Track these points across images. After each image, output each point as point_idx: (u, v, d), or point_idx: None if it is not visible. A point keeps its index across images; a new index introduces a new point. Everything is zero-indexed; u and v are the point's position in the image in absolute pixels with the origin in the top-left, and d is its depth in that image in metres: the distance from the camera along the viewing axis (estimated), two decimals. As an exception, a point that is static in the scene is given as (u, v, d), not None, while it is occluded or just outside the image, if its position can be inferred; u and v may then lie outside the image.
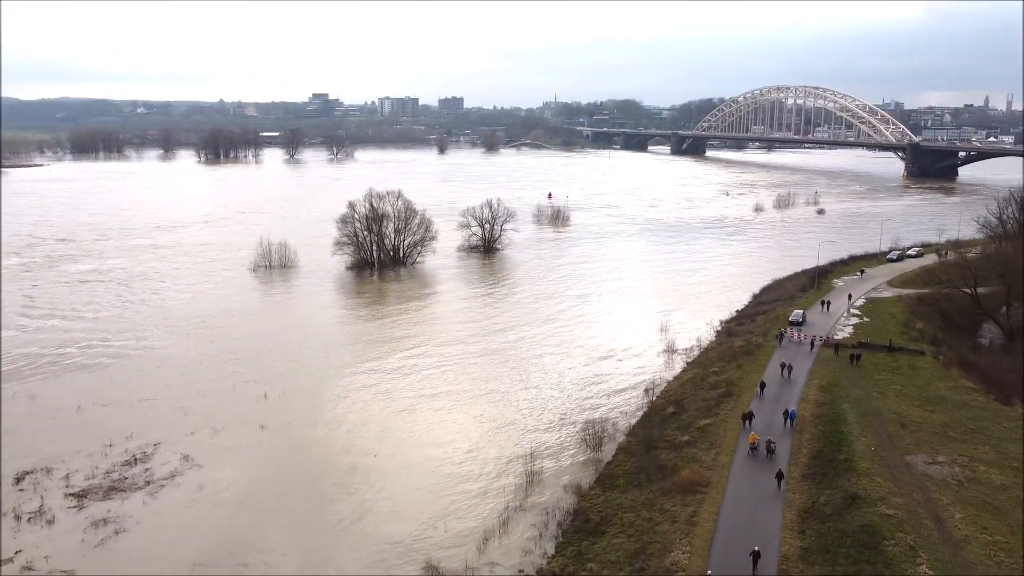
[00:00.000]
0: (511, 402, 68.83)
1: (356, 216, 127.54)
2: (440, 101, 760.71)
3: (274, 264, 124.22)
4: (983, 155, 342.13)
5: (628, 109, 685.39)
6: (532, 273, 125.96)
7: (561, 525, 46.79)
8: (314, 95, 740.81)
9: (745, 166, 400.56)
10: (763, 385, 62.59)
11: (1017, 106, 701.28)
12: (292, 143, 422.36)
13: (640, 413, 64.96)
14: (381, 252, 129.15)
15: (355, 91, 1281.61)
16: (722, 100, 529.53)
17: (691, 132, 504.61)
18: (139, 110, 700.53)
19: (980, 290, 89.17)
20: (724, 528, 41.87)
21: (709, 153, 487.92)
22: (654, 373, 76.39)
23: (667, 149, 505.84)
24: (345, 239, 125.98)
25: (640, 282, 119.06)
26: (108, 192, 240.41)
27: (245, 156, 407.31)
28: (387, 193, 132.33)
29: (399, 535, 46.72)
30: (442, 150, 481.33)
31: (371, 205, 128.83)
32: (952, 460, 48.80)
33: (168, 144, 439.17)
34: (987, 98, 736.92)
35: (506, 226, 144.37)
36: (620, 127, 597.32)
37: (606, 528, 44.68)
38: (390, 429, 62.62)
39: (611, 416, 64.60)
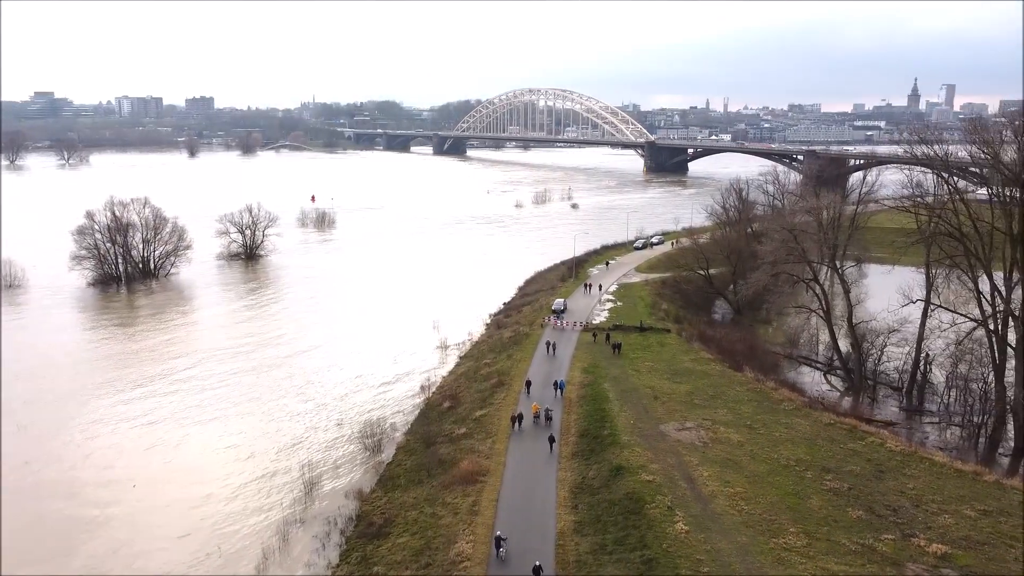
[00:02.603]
0: (284, 414, 66.22)
1: (96, 227, 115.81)
2: (188, 101, 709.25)
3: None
4: (708, 151, 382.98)
5: (389, 110, 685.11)
6: (298, 279, 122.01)
7: (344, 532, 45.94)
8: (37, 93, 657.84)
9: (504, 164, 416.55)
10: (528, 383, 63.15)
11: (732, 108, 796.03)
12: (12, 148, 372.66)
13: (417, 410, 65.44)
14: (128, 265, 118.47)
15: (87, 90, 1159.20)
16: (479, 102, 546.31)
17: (452, 133, 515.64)
18: None
19: (712, 271, 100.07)
20: (504, 512, 43.35)
21: (470, 153, 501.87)
22: (429, 369, 77.26)
23: (430, 149, 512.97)
24: (84, 252, 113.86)
25: (411, 281, 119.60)
26: None
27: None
28: (132, 200, 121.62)
29: (170, 566, 43.27)
30: (193, 153, 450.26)
31: (113, 214, 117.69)
32: (698, 425, 54.25)
33: None
34: (708, 101, 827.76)
35: (269, 231, 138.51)
36: (382, 128, 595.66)
37: (390, 529, 44.53)
38: (150, 455, 57.74)
39: (389, 417, 64.43)
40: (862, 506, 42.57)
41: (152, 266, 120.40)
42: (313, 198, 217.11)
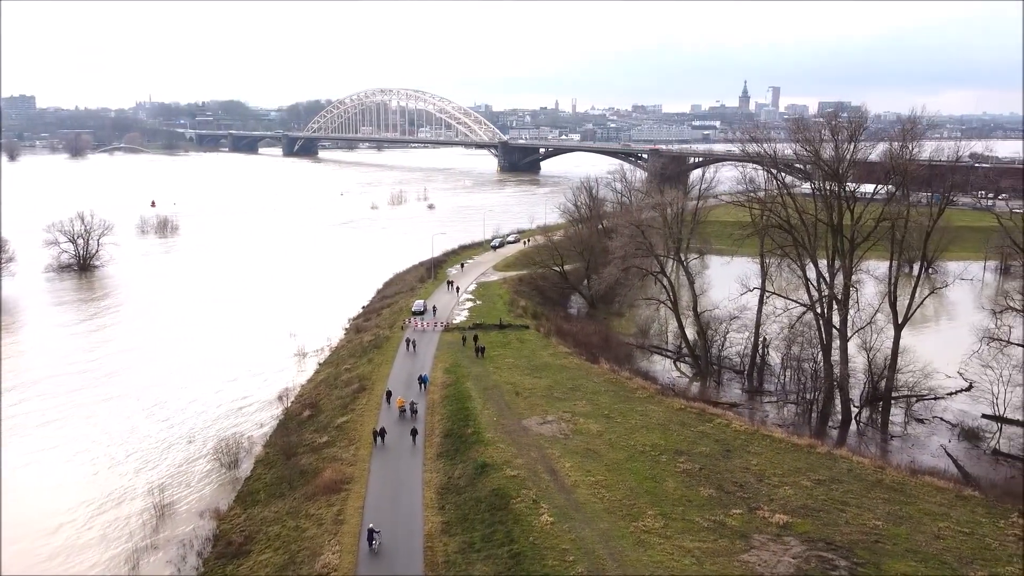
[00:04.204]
0: (133, 437, 62.14)
1: None
2: (4, 100, 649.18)
3: None
4: (559, 151, 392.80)
5: (234, 110, 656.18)
6: (139, 291, 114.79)
7: (201, 554, 43.76)
8: None
9: (358, 166, 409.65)
10: (389, 393, 61.27)
11: (580, 108, 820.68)
12: None
13: (276, 421, 63.31)
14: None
15: None
16: (329, 102, 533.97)
17: (302, 133, 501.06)
18: None
19: (566, 267, 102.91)
20: (371, 519, 42.69)
21: (322, 154, 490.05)
22: (288, 379, 74.93)
23: (279, 151, 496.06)
24: None
25: (264, 288, 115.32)
26: None
27: None
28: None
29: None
30: (13, 156, 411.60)
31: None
32: (559, 418, 55.68)
33: None
34: (557, 102, 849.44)
35: (104, 240, 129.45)
36: (227, 129, 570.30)
37: (251, 547, 42.86)
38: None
39: (246, 430, 62.02)
40: (712, 484, 45.18)
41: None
42: (153, 203, 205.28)
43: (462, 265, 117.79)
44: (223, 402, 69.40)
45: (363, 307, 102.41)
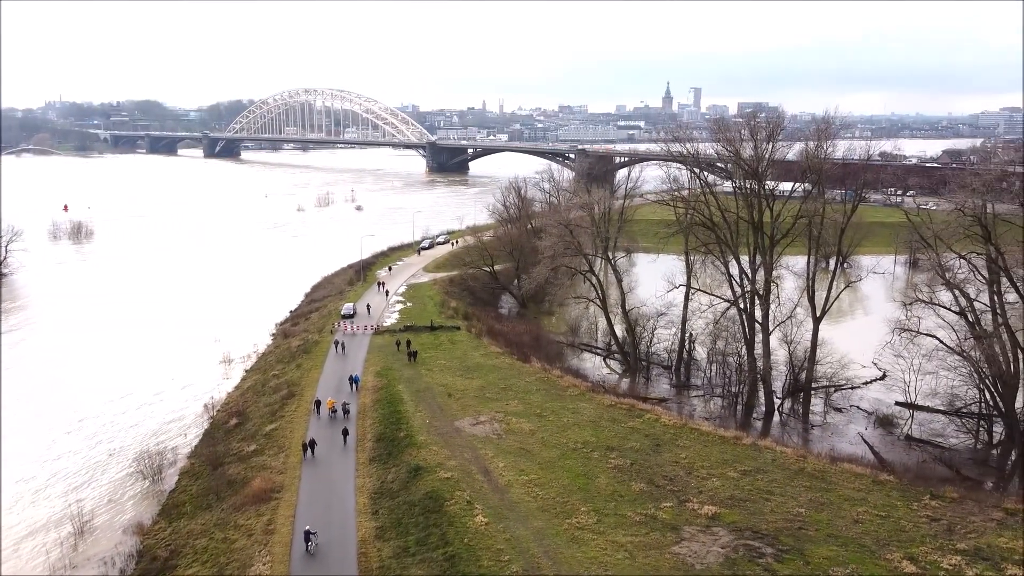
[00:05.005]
0: (50, 455, 59.44)
1: None
2: None
3: None
4: (487, 151, 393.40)
5: (151, 110, 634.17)
6: (52, 299, 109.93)
7: (124, 571, 42.26)
8: None
9: (283, 167, 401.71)
10: (318, 403, 59.35)
11: (508, 109, 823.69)
12: None
13: (201, 431, 61.56)
14: None
15: None
16: (252, 102, 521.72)
17: (224, 134, 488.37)
18: None
19: (497, 268, 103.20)
20: (303, 527, 41.99)
21: (245, 155, 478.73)
22: (213, 387, 72.92)
23: (200, 152, 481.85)
24: None
25: (186, 294, 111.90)
26: None
27: None
28: None
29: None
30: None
31: None
32: (491, 418, 55.80)
33: None
34: (484, 102, 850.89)
35: (12, 247, 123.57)
36: (144, 129, 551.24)
37: (177, 561, 41.59)
38: None
39: (170, 441, 60.19)
40: (643, 479, 46.02)
41: None
42: (66, 207, 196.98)
43: (389, 269, 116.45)
44: (145, 414, 67.10)
45: (291, 311, 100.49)
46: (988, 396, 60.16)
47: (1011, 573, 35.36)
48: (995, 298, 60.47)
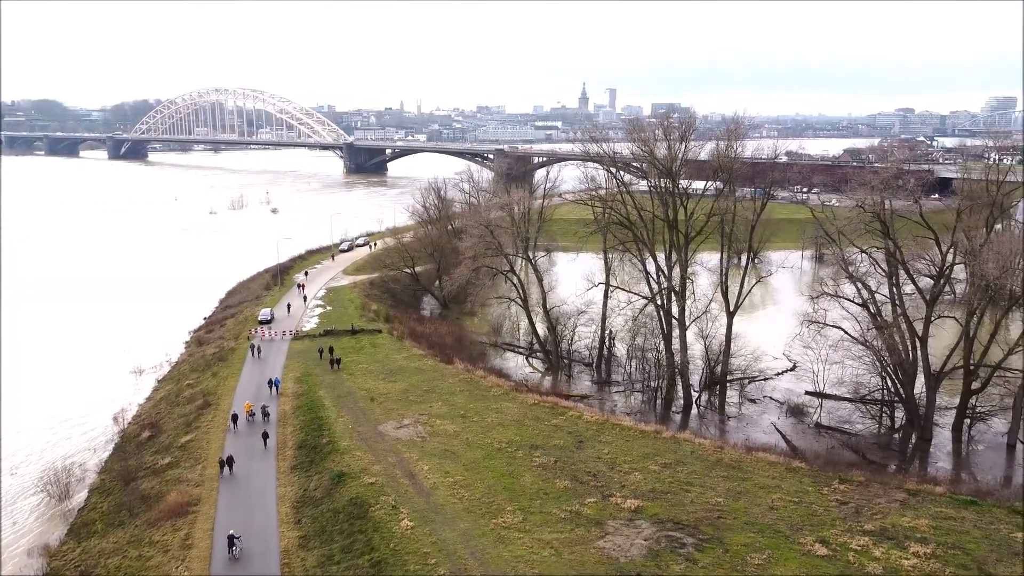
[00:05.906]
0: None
1: None
2: None
3: None
4: (406, 152, 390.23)
5: (50, 110, 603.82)
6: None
7: (30, 596, 40.24)
8: None
9: (194, 169, 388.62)
10: (235, 417, 57.39)
11: (425, 109, 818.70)
12: None
13: (112, 445, 59.08)
14: None
15: None
16: (159, 101, 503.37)
17: (130, 135, 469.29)
18: None
19: (418, 269, 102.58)
20: (223, 540, 40.86)
21: (153, 156, 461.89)
22: (123, 398, 70.04)
23: (104, 153, 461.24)
24: None
25: (91, 302, 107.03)
26: None
27: None
28: None
29: None
30: None
31: None
32: (415, 421, 55.47)
33: None
34: (402, 102, 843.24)
35: None
36: (42, 130, 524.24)
37: (88, 582, 39.84)
38: None
39: (77, 457, 57.55)
40: (567, 476, 46.57)
41: None
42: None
43: (306, 273, 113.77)
44: (50, 429, 63.93)
45: (205, 318, 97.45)
46: (890, 383, 63.39)
47: (914, 550, 37.34)
48: (894, 290, 63.82)
